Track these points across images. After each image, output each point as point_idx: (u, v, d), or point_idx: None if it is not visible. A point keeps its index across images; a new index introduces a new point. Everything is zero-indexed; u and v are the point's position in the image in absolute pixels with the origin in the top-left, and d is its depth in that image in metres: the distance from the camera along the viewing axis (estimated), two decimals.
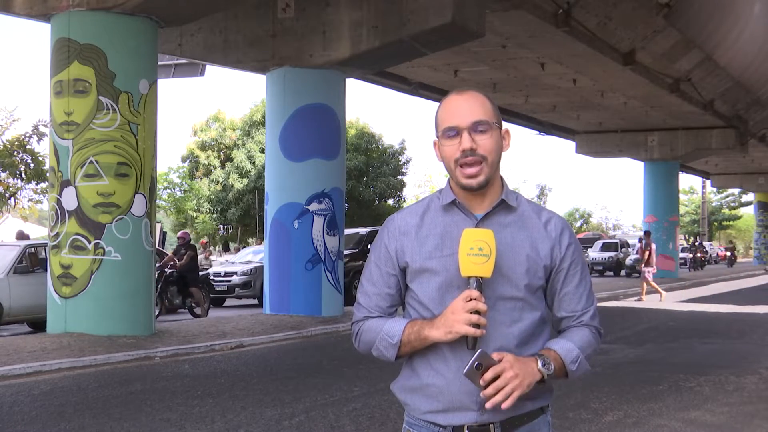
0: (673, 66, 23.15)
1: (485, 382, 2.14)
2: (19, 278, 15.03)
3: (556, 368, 2.27)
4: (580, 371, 2.33)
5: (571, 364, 2.31)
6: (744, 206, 73.41)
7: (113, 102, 12.34)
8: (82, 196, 12.26)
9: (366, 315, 2.38)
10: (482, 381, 2.14)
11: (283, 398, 8.30)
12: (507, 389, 2.15)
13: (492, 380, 2.14)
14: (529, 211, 2.36)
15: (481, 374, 2.13)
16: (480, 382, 2.14)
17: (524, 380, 2.18)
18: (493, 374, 2.14)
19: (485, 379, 2.14)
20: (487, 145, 2.26)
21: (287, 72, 15.96)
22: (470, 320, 2.16)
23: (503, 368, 2.15)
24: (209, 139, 42.02)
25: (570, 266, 2.36)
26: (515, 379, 2.16)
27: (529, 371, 2.20)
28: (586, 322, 2.38)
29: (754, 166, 46.41)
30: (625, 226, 77.40)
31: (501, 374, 2.15)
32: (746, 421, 7.51)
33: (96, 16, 12.35)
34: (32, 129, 26.54)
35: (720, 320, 17.17)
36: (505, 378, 2.15)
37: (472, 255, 2.18)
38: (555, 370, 2.26)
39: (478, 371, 2.13)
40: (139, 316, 12.58)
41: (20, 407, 7.83)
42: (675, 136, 31.93)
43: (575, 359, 2.31)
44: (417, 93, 24.02)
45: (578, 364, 2.32)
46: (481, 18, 15.16)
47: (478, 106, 2.28)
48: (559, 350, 2.30)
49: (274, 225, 16.18)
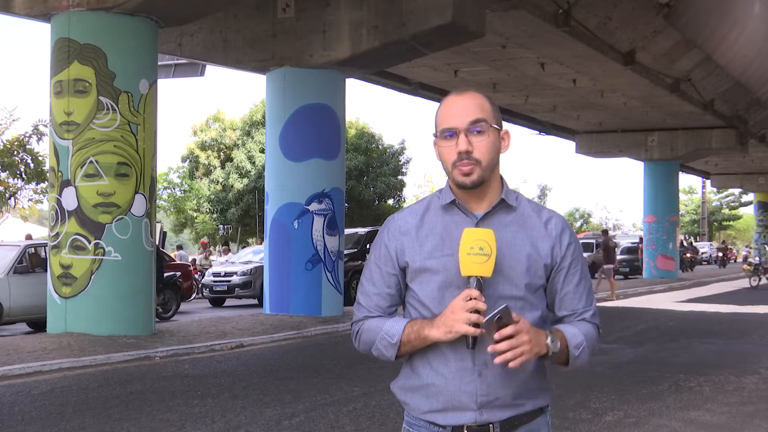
0: (673, 66, 23.15)
1: (501, 336, 2.14)
2: (19, 278, 15.03)
3: (561, 348, 2.28)
4: (580, 359, 2.34)
5: (575, 348, 2.31)
6: (744, 206, 73.42)
7: (113, 102, 12.34)
8: (82, 196, 12.26)
9: (366, 315, 2.38)
10: (498, 335, 2.14)
11: (283, 398, 8.31)
12: (518, 350, 2.15)
13: (508, 336, 2.15)
14: (529, 211, 2.36)
15: (498, 328, 2.14)
16: (495, 336, 2.14)
17: (533, 348, 2.19)
18: (512, 331, 2.15)
19: (502, 333, 2.14)
20: (482, 148, 2.26)
21: (287, 72, 15.96)
22: (470, 320, 2.16)
23: (520, 329, 2.16)
24: (209, 139, 42.01)
25: (570, 265, 2.36)
26: (527, 344, 2.17)
27: (540, 341, 2.22)
28: (588, 319, 2.39)
29: (754, 166, 46.41)
30: (625, 226, 77.43)
31: (517, 334, 2.15)
32: (746, 421, 7.51)
33: (96, 16, 12.36)
34: (32, 129, 26.54)
35: (720, 320, 17.17)
36: (520, 339, 2.16)
37: (472, 254, 2.18)
38: (560, 349, 2.27)
39: (497, 324, 2.14)
40: (139, 316, 12.58)
41: (20, 407, 7.83)
42: (675, 136, 31.92)
43: (579, 345, 2.32)
44: (417, 93, 24.01)
45: (581, 351, 2.33)
46: (481, 18, 15.16)
47: (476, 106, 2.28)
48: (566, 333, 2.32)
49: (274, 225, 16.18)
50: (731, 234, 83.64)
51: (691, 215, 71.49)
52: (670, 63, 22.90)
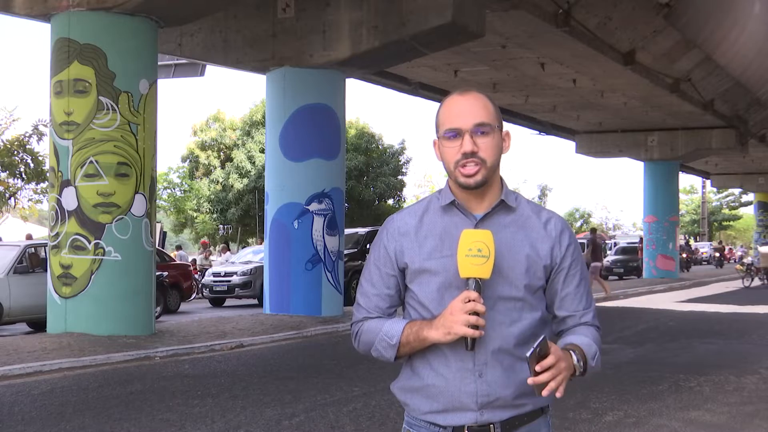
0: (673, 66, 23.15)
1: (542, 368, 2.13)
2: (19, 278, 15.03)
3: (584, 364, 2.27)
4: (596, 368, 2.34)
5: (591, 359, 2.31)
6: (744, 206, 73.41)
7: (113, 102, 12.34)
8: (82, 196, 12.26)
9: (365, 316, 2.38)
10: (539, 366, 2.13)
11: (283, 398, 8.31)
12: (560, 378, 2.15)
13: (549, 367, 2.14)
14: (529, 211, 2.36)
15: (538, 360, 2.13)
16: (536, 368, 2.13)
17: (568, 372, 2.19)
18: (552, 362, 2.14)
19: (544, 365, 2.13)
20: (487, 148, 2.26)
21: (287, 72, 15.96)
22: (469, 321, 2.16)
23: (558, 357, 2.15)
24: (209, 139, 42.01)
25: (570, 266, 2.36)
26: (565, 371, 2.17)
27: (570, 364, 2.21)
28: (590, 321, 2.39)
29: (754, 166, 46.40)
30: (626, 226, 77.44)
31: (556, 363, 2.15)
32: (746, 421, 7.51)
33: (96, 16, 12.36)
34: (32, 129, 26.56)
35: (720, 320, 17.17)
36: (559, 367, 2.15)
37: (470, 256, 2.18)
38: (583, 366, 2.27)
39: (537, 356, 2.13)
40: (139, 316, 12.58)
41: (20, 407, 7.83)
42: (675, 136, 31.92)
43: (594, 355, 2.32)
44: (417, 93, 24.01)
45: (596, 360, 2.33)
46: (481, 18, 15.16)
47: (481, 107, 2.28)
48: (582, 346, 2.31)
49: (274, 225, 16.18)
50: (731, 234, 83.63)
51: (691, 215, 71.48)
52: (670, 63, 22.90)
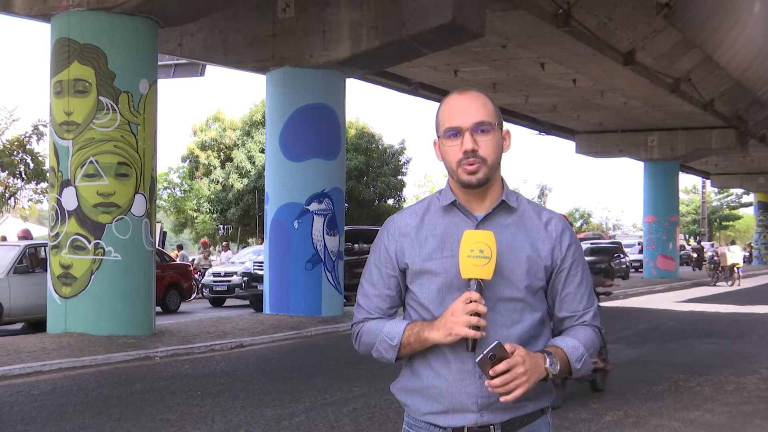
0: (673, 66, 23.15)
1: (495, 373, 2.13)
2: (19, 278, 15.03)
3: (562, 367, 2.27)
4: (583, 370, 2.34)
5: (576, 362, 2.31)
6: (744, 206, 73.39)
7: (113, 102, 12.34)
8: (82, 196, 12.26)
9: (366, 316, 2.37)
10: (492, 371, 2.13)
11: (283, 398, 8.31)
12: (513, 384, 2.14)
13: (502, 372, 2.14)
14: (530, 212, 2.36)
15: (493, 365, 2.13)
16: (490, 372, 2.13)
17: (531, 377, 2.18)
18: (506, 367, 2.13)
19: (496, 370, 2.13)
20: (488, 147, 2.26)
21: (287, 72, 15.96)
22: (470, 322, 2.16)
23: (515, 363, 2.15)
24: (209, 139, 41.99)
25: (571, 266, 2.36)
26: (523, 376, 2.15)
27: (537, 368, 2.20)
28: (588, 321, 2.38)
29: (754, 166, 46.39)
30: (626, 226, 77.43)
31: (512, 368, 2.14)
32: (746, 421, 7.51)
33: (96, 16, 12.35)
34: (32, 129, 26.56)
35: (720, 320, 17.17)
36: (515, 373, 2.14)
37: (472, 257, 2.17)
38: (560, 368, 2.27)
39: (491, 361, 2.13)
40: (139, 316, 12.58)
41: (20, 407, 7.83)
42: (675, 136, 31.91)
43: (580, 357, 2.31)
44: (417, 93, 24.01)
45: (582, 363, 2.32)
46: (481, 18, 15.16)
47: (480, 106, 2.28)
48: (565, 348, 2.30)
49: (274, 225, 16.18)
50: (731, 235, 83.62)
51: (691, 215, 71.47)
52: (670, 63, 22.89)
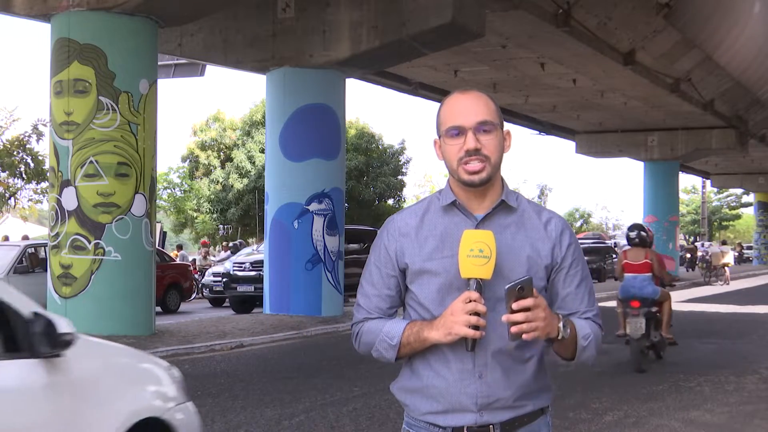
0: (673, 66, 23.15)
1: (519, 307, 2.13)
2: (19, 278, 15.03)
3: (571, 336, 2.26)
4: (587, 353, 2.32)
5: (583, 339, 2.30)
6: (744, 206, 73.38)
7: (113, 102, 12.34)
8: (82, 196, 12.26)
9: (365, 316, 2.38)
10: (516, 305, 2.13)
11: (283, 398, 8.31)
12: (533, 324, 2.14)
13: (525, 308, 2.13)
14: (530, 212, 2.36)
15: (517, 299, 2.13)
16: (513, 306, 2.13)
17: (546, 327, 2.17)
18: (530, 303, 2.13)
19: (521, 304, 2.13)
20: (490, 146, 2.26)
21: (287, 72, 15.95)
22: (469, 322, 2.16)
23: (538, 304, 2.15)
24: (209, 139, 41.98)
25: (571, 266, 2.35)
26: (542, 321, 2.15)
27: (553, 323, 2.20)
28: (591, 319, 2.38)
29: (754, 166, 46.39)
30: (625, 226, 77.38)
31: (535, 308, 2.14)
32: (746, 421, 7.51)
33: (96, 16, 12.35)
34: (32, 129, 26.55)
35: (720, 320, 17.17)
36: (536, 314, 2.14)
37: (472, 256, 2.17)
38: (569, 339, 2.25)
39: (516, 294, 2.13)
40: (139, 316, 12.58)
41: None
42: (675, 136, 31.92)
43: (586, 336, 2.31)
44: (417, 93, 24.01)
45: (588, 343, 2.31)
46: (481, 18, 15.16)
47: (483, 106, 2.28)
48: (575, 323, 2.31)
49: (274, 225, 16.18)
50: (730, 235, 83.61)
51: (691, 215, 71.47)
52: (670, 63, 22.90)
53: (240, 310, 19.43)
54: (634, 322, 10.15)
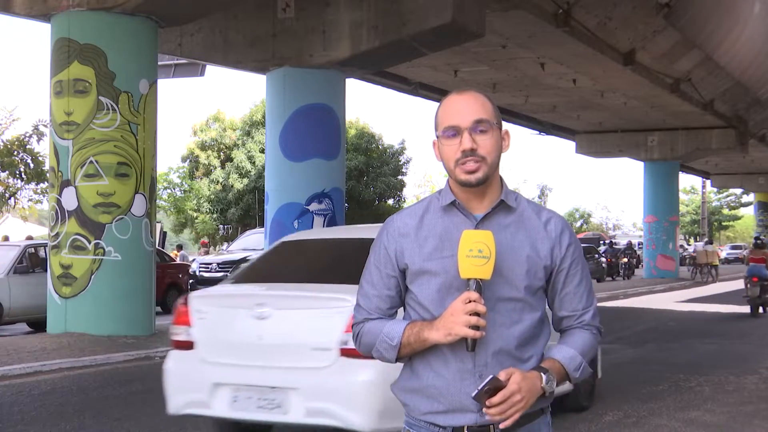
0: (673, 66, 23.14)
1: (491, 404, 2.16)
2: (19, 278, 15.03)
3: (559, 380, 2.29)
4: (581, 377, 2.35)
5: (574, 372, 2.32)
6: (744, 206, 73.40)
7: (113, 102, 12.34)
8: (82, 196, 12.26)
9: (365, 317, 2.37)
10: (489, 402, 2.16)
11: None
12: (509, 412, 2.17)
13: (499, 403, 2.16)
14: (529, 211, 2.36)
15: (489, 397, 2.15)
16: (486, 403, 2.16)
17: (528, 401, 2.20)
18: (501, 399, 2.16)
19: (492, 402, 2.15)
20: (487, 146, 2.26)
21: (287, 72, 15.95)
22: (469, 322, 2.16)
23: (511, 392, 2.16)
24: (209, 139, 41.98)
25: (571, 266, 2.35)
26: (519, 403, 2.18)
27: (533, 390, 2.21)
28: (587, 321, 2.38)
29: (754, 166, 46.39)
30: (626, 226, 77.44)
31: (508, 399, 2.16)
32: (746, 421, 7.51)
33: (96, 16, 12.36)
34: (32, 129, 26.53)
35: (720, 320, 17.18)
36: (512, 402, 2.17)
37: (471, 256, 2.17)
38: (558, 382, 2.28)
39: (487, 394, 2.15)
40: (139, 316, 12.58)
41: (20, 407, 7.83)
42: (675, 136, 31.92)
43: (578, 367, 2.32)
44: (417, 93, 24.00)
45: (580, 372, 2.33)
46: (481, 18, 15.15)
47: (479, 105, 2.28)
48: (562, 360, 2.31)
49: (274, 225, 16.17)
50: (730, 235, 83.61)
51: (691, 215, 71.48)
52: (670, 63, 22.89)
53: None
54: (753, 289, 17.89)
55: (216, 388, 5.63)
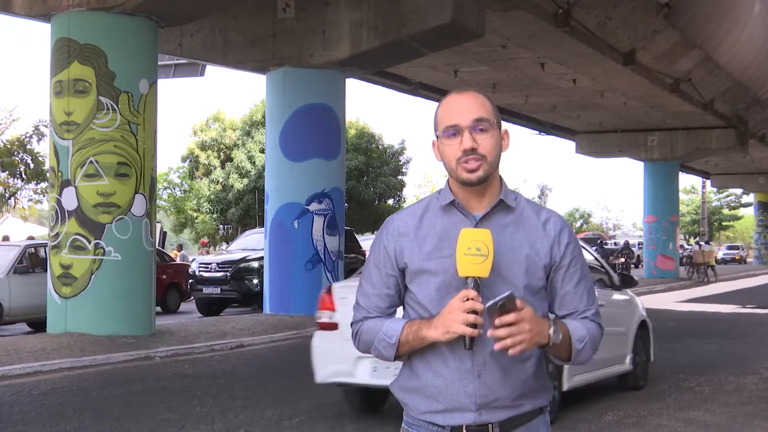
0: (673, 66, 23.15)
1: (501, 323, 2.13)
2: (19, 278, 15.03)
3: (564, 340, 2.26)
4: (583, 354, 2.32)
5: (577, 342, 2.30)
6: (744, 207, 73.39)
7: (113, 102, 12.34)
8: (82, 196, 12.26)
9: (365, 315, 2.38)
10: (499, 321, 2.13)
11: (283, 398, 8.31)
12: (517, 338, 2.14)
13: (508, 324, 2.13)
14: (529, 211, 2.36)
15: (500, 314, 2.13)
16: (496, 321, 2.13)
17: (534, 337, 2.17)
18: (513, 319, 2.13)
19: (503, 320, 2.13)
20: (487, 145, 2.26)
21: (287, 72, 15.96)
22: (467, 320, 2.16)
23: (522, 317, 2.14)
24: (209, 139, 41.97)
25: (570, 264, 2.35)
26: (528, 333, 2.15)
27: (542, 331, 2.20)
28: (590, 317, 2.38)
29: (754, 166, 46.39)
30: (626, 226, 77.42)
31: (518, 322, 2.14)
32: (746, 421, 7.51)
33: (96, 16, 12.35)
34: (32, 129, 26.54)
35: (720, 320, 17.17)
36: (520, 327, 2.14)
37: (469, 255, 2.17)
38: (562, 342, 2.25)
39: (500, 311, 2.12)
40: (139, 316, 12.58)
41: (20, 407, 7.83)
42: (675, 136, 31.92)
43: (581, 339, 2.31)
44: (417, 93, 24.01)
45: (583, 345, 2.31)
46: (481, 18, 15.16)
47: (479, 105, 2.28)
48: (569, 325, 2.30)
49: (274, 225, 16.18)
50: (730, 235, 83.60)
51: (691, 215, 71.48)
52: (670, 63, 22.89)
53: (207, 313, 18.97)
54: None
55: (359, 360, 6.74)
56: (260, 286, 17.47)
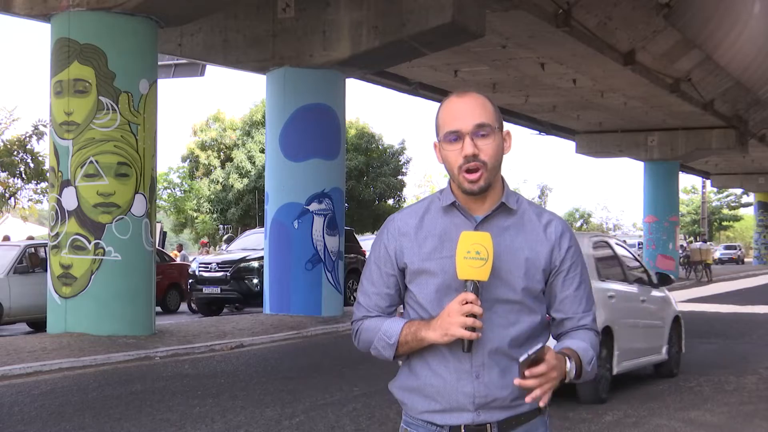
0: (673, 66, 23.15)
1: (532, 374, 2.13)
2: (19, 278, 15.03)
3: (577, 370, 2.27)
4: (591, 374, 2.33)
5: (587, 365, 2.30)
6: (744, 207, 73.39)
7: (113, 102, 12.34)
8: (82, 196, 12.26)
9: (365, 314, 2.38)
10: (529, 372, 2.13)
11: (283, 398, 8.31)
12: (546, 387, 2.15)
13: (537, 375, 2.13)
14: (530, 213, 2.35)
15: (529, 365, 2.13)
16: (526, 373, 2.13)
17: (558, 380, 2.19)
18: (543, 370, 2.13)
19: (533, 372, 2.12)
20: (488, 150, 2.26)
21: (287, 72, 15.95)
22: (465, 323, 2.16)
23: (551, 366, 2.15)
24: (209, 139, 42.00)
25: (570, 268, 2.35)
26: (555, 380, 2.17)
27: (563, 371, 2.21)
28: (587, 325, 2.38)
29: (754, 166, 46.39)
30: (626, 226, 77.40)
31: (548, 372, 2.14)
32: (746, 421, 7.52)
33: (96, 16, 12.35)
34: (32, 129, 26.56)
35: (720, 320, 17.17)
36: (549, 377, 2.15)
37: (469, 258, 2.17)
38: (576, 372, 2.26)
39: (527, 364, 2.13)
40: (139, 316, 12.58)
41: (20, 407, 7.83)
42: (675, 136, 31.92)
43: (590, 361, 2.31)
44: (417, 93, 24.02)
45: (591, 367, 2.32)
46: (481, 18, 15.16)
47: (480, 108, 2.27)
48: (579, 350, 2.30)
49: (274, 225, 16.18)
50: (730, 235, 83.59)
51: (691, 215, 71.47)
52: (670, 63, 22.90)
53: (206, 313, 18.95)
54: None
55: None
56: (260, 286, 17.47)
